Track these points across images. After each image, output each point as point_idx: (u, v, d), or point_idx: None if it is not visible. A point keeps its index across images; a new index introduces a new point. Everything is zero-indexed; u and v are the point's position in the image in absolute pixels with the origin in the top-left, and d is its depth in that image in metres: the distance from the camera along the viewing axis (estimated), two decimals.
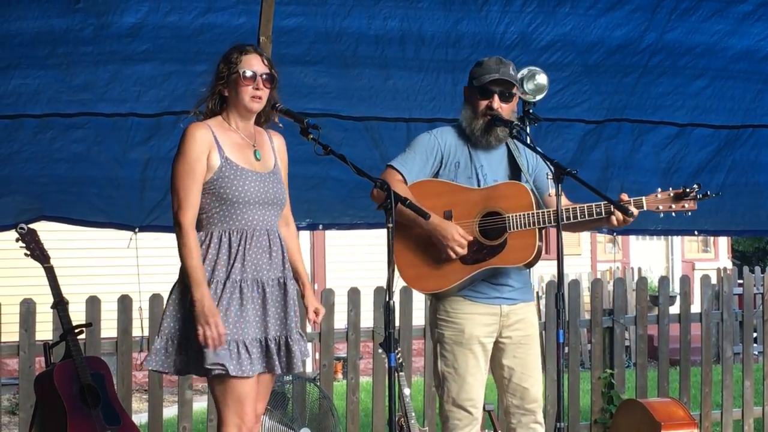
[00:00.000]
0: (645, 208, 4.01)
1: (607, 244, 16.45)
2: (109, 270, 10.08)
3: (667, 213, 4.04)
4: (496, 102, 4.11)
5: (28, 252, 5.02)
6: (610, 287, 10.78)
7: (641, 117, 5.98)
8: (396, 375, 4.13)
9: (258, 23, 4.82)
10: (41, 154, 5.40)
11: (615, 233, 6.88)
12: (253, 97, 3.68)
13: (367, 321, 6.23)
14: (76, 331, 5.02)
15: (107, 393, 4.99)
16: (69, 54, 4.96)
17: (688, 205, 4.02)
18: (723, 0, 5.30)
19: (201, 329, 3.52)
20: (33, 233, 5.06)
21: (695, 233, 7.69)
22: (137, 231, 5.71)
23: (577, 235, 14.38)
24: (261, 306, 3.66)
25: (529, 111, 4.78)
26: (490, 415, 5.37)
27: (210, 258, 3.63)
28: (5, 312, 5.72)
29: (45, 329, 5.59)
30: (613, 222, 3.98)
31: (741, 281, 8.93)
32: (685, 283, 7.11)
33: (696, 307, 7.32)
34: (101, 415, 4.90)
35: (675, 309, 7.23)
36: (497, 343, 4.18)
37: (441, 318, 4.17)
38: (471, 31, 5.28)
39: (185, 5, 4.87)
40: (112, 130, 5.35)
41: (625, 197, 4.01)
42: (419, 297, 4.38)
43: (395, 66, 5.43)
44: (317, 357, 8.43)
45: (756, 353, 8.17)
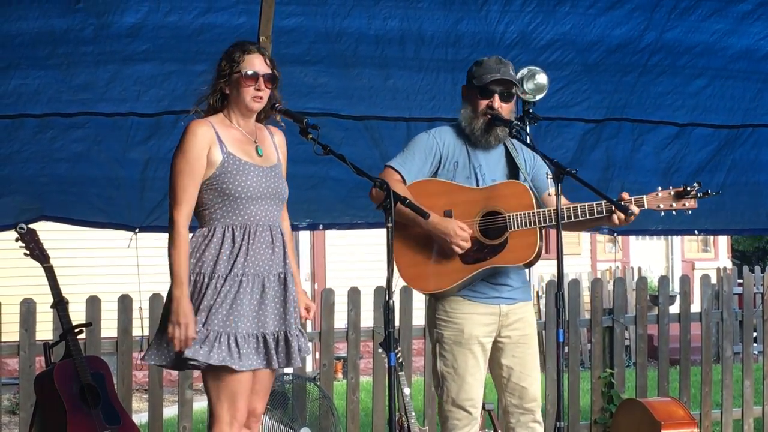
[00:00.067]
0: (646, 206, 4.01)
1: (607, 243, 16.44)
2: (109, 270, 10.08)
3: (668, 212, 4.04)
4: (496, 101, 4.10)
5: (27, 252, 5.03)
6: (610, 287, 10.78)
7: (641, 116, 5.98)
8: (396, 374, 4.13)
9: (258, 23, 4.82)
10: (41, 153, 5.40)
11: (616, 233, 6.87)
12: (255, 97, 3.69)
13: (367, 320, 6.23)
14: (76, 331, 5.02)
15: (107, 393, 4.99)
16: (69, 54, 4.96)
17: (688, 204, 4.02)
18: None
19: (171, 327, 3.55)
20: (33, 233, 5.06)
21: (695, 233, 7.68)
22: (137, 231, 5.71)
23: (577, 235, 14.37)
24: (259, 301, 3.66)
25: (529, 110, 4.78)
26: (490, 415, 5.36)
27: (212, 253, 3.63)
28: (5, 312, 5.73)
29: (45, 329, 5.59)
30: (615, 221, 3.97)
31: (741, 281, 8.94)
32: (685, 283, 7.11)
33: (696, 307, 7.32)
34: (101, 415, 4.90)
35: (675, 308, 7.23)
36: (496, 343, 4.18)
37: (440, 318, 4.16)
38: (471, 31, 5.28)
39: (185, 5, 4.87)
40: (112, 129, 5.35)
41: (626, 196, 4.01)
42: (419, 296, 4.37)
43: (395, 66, 5.43)
44: (317, 357, 8.43)
45: (756, 353, 8.17)
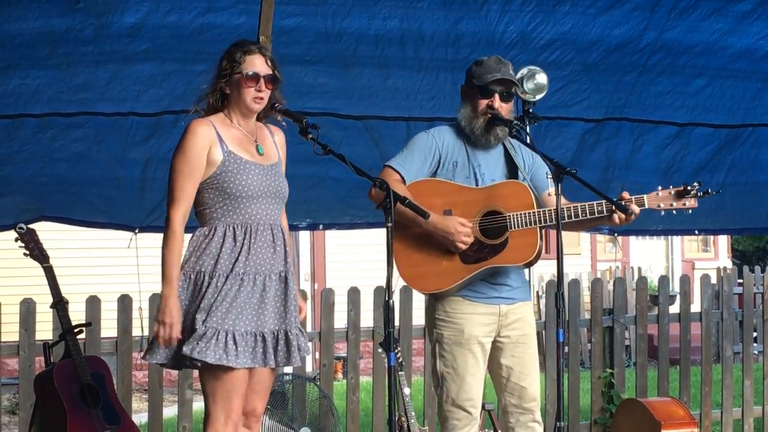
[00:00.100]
0: (646, 206, 4.01)
1: (607, 243, 16.44)
2: (109, 270, 10.07)
3: (668, 211, 4.04)
4: (496, 101, 4.10)
5: (27, 252, 5.02)
6: (610, 287, 10.78)
7: (641, 116, 5.97)
8: (396, 374, 4.13)
9: (258, 23, 4.82)
10: (41, 153, 5.40)
11: (616, 233, 6.87)
12: (255, 98, 3.69)
13: (367, 320, 6.23)
14: (75, 331, 5.02)
15: (107, 392, 4.99)
16: (69, 54, 4.95)
17: (689, 203, 4.03)
18: None
19: (157, 326, 3.59)
20: (32, 233, 5.06)
21: (696, 232, 7.68)
22: (137, 232, 5.70)
23: (577, 235, 14.37)
24: (259, 299, 3.65)
25: (529, 110, 4.78)
26: (490, 415, 5.36)
27: (213, 252, 3.63)
28: (5, 312, 5.73)
29: (45, 329, 5.59)
30: (615, 220, 3.97)
31: (741, 281, 8.93)
32: (685, 283, 7.11)
33: (696, 307, 7.32)
34: (101, 415, 4.90)
35: (675, 308, 7.22)
36: (495, 343, 4.17)
37: (440, 318, 4.15)
38: (471, 31, 5.28)
39: (185, 5, 4.87)
40: (111, 129, 5.35)
41: (627, 195, 4.01)
42: (419, 296, 4.37)
43: (395, 65, 5.43)
44: (317, 356, 8.43)
45: (756, 353, 8.16)
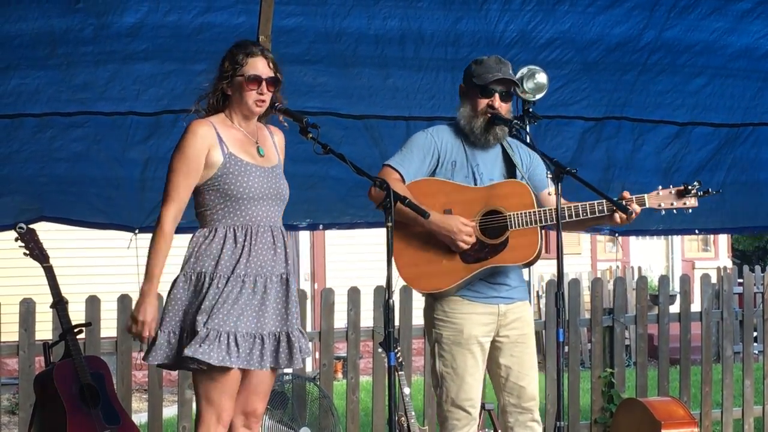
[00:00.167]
0: (647, 205, 4.02)
1: (607, 243, 16.44)
2: (109, 270, 10.07)
3: (669, 211, 4.04)
4: (497, 101, 4.10)
5: (27, 251, 5.02)
6: (610, 286, 10.78)
7: (641, 115, 5.97)
8: (396, 374, 4.13)
9: (257, 23, 4.81)
10: (41, 153, 5.39)
11: (617, 233, 6.87)
12: (257, 101, 3.69)
13: (367, 320, 6.23)
14: (75, 331, 5.02)
15: (107, 392, 4.99)
16: (69, 54, 4.95)
17: (689, 203, 4.03)
18: None
19: (129, 321, 3.64)
20: (32, 233, 5.05)
21: (696, 232, 7.68)
22: (137, 232, 5.70)
23: (577, 235, 14.37)
24: (260, 301, 3.65)
25: (529, 110, 4.78)
26: (490, 414, 5.35)
27: (213, 253, 3.63)
28: (5, 312, 5.72)
29: (45, 329, 5.59)
30: (616, 220, 3.97)
31: (741, 280, 8.92)
32: (685, 282, 7.11)
33: (696, 306, 7.32)
34: (101, 415, 4.90)
35: (675, 308, 7.22)
36: (494, 342, 4.17)
37: (439, 318, 4.15)
38: (470, 30, 5.27)
39: (185, 5, 4.86)
40: (111, 128, 5.35)
41: (627, 195, 4.01)
42: (419, 296, 4.37)
43: (395, 65, 5.42)
44: (317, 356, 8.42)
45: (756, 352, 8.16)
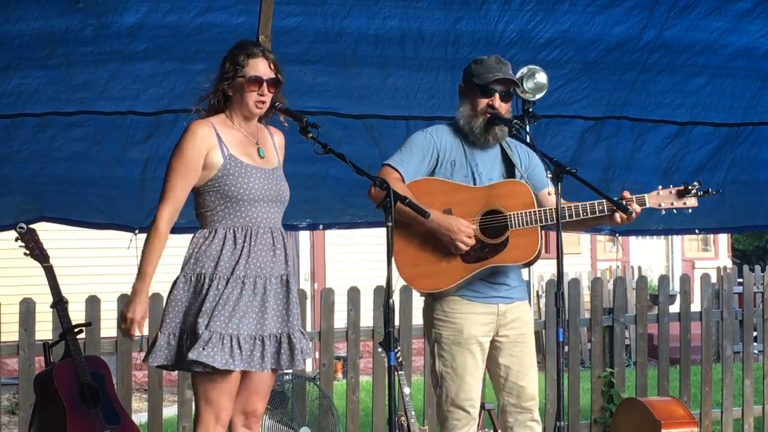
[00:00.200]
0: (647, 205, 4.02)
1: (607, 243, 16.44)
2: (109, 270, 10.07)
3: (669, 210, 4.04)
4: (497, 101, 4.10)
5: (27, 251, 5.02)
6: (610, 286, 10.78)
7: (641, 115, 5.97)
8: (396, 374, 4.13)
9: (257, 22, 4.81)
10: (41, 153, 5.39)
11: (617, 233, 6.86)
12: (257, 102, 3.69)
13: (367, 320, 6.22)
14: (75, 331, 5.02)
15: (107, 392, 4.99)
16: (69, 54, 4.95)
17: (689, 203, 4.04)
18: None
19: (120, 317, 3.66)
20: (32, 232, 5.05)
21: (696, 231, 7.67)
22: (137, 233, 5.70)
23: (577, 234, 14.36)
24: (261, 303, 3.65)
25: (529, 110, 4.78)
26: (490, 414, 5.35)
27: (213, 254, 3.63)
28: (5, 312, 5.72)
29: (45, 329, 5.58)
30: (617, 220, 3.97)
31: (741, 280, 8.93)
32: (685, 282, 7.10)
33: (696, 306, 7.31)
34: (101, 415, 4.89)
35: (675, 308, 7.22)
36: (494, 342, 4.17)
37: (438, 318, 4.15)
38: (470, 30, 5.27)
39: (184, 5, 4.86)
40: (111, 128, 5.34)
41: (628, 195, 4.01)
42: (419, 296, 4.37)
43: (395, 65, 5.42)
44: (317, 356, 8.42)
45: (756, 352, 8.16)
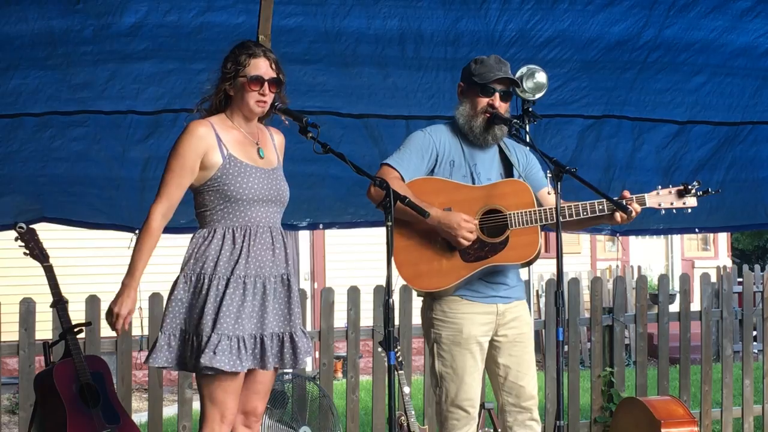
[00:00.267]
0: (647, 204, 4.02)
1: (607, 242, 16.44)
2: (109, 269, 10.03)
3: (668, 210, 4.05)
4: (497, 100, 4.11)
5: (27, 251, 5.02)
6: (609, 285, 10.80)
7: (640, 114, 5.97)
8: (396, 373, 4.13)
9: (257, 22, 4.81)
10: (41, 152, 5.39)
11: (617, 233, 6.86)
12: (258, 102, 3.69)
13: (367, 320, 6.23)
14: (75, 330, 5.02)
15: (107, 392, 4.99)
16: (69, 54, 4.95)
17: (688, 202, 4.04)
18: None
19: (108, 312, 3.67)
20: (32, 232, 5.06)
21: (696, 231, 7.67)
22: (137, 233, 5.68)
23: (577, 234, 14.36)
24: (261, 303, 3.66)
25: (528, 109, 4.78)
26: (489, 414, 5.36)
27: (212, 254, 3.64)
28: (5, 311, 5.72)
29: (45, 328, 5.59)
30: (617, 219, 3.98)
31: (741, 279, 8.94)
32: (685, 282, 7.11)
33: (696, 306, 7.32)
34: (101, 414, 4.89)
35: (675, 307, 7.23)
36: (493, 342, 4.17)
37: (437, 318, 4.15)
38: (470, 29, 5.27)
39: (184, 4, 4.86)
40: (111, 127, 5.34)
41: (628, 194, 4.01)
42: (417, 296, 4.37)
43: (394, 64, 5.42)
44: (317, 356, 8.42)
45: (756, 351, 8.16)
